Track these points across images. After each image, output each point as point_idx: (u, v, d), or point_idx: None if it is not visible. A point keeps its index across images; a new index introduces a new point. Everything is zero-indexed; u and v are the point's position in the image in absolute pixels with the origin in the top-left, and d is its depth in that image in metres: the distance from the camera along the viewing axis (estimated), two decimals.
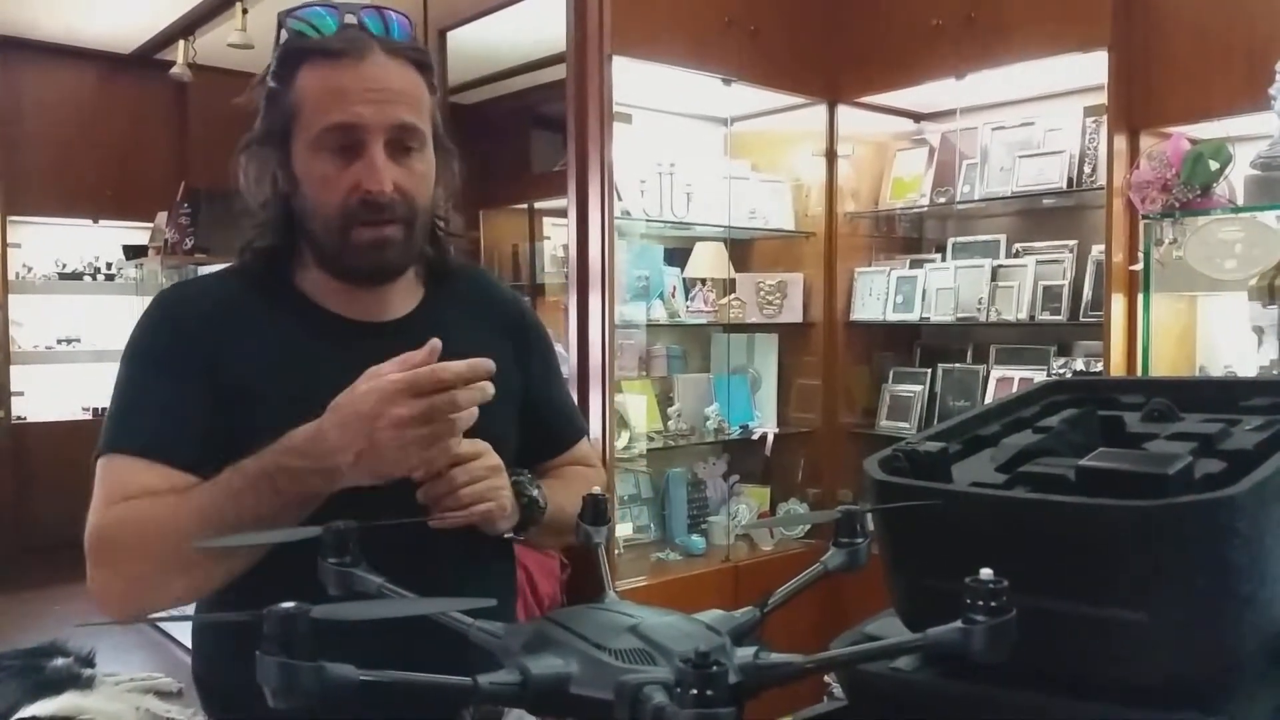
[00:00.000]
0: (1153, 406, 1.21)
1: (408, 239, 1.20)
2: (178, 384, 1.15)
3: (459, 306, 1.34)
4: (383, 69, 1.15)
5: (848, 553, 0.94)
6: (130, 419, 1.16)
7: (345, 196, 1.15)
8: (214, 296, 1.23)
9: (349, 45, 1.15)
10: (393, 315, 1.27)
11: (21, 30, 6.40)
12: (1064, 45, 3.12)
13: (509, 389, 1.31)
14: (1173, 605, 0.85)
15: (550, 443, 1.42)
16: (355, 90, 1.14)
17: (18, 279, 6.82)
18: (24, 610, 5.54)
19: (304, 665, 0.59)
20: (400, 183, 1.16)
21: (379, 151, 1.14)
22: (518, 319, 1.40)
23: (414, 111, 1.17)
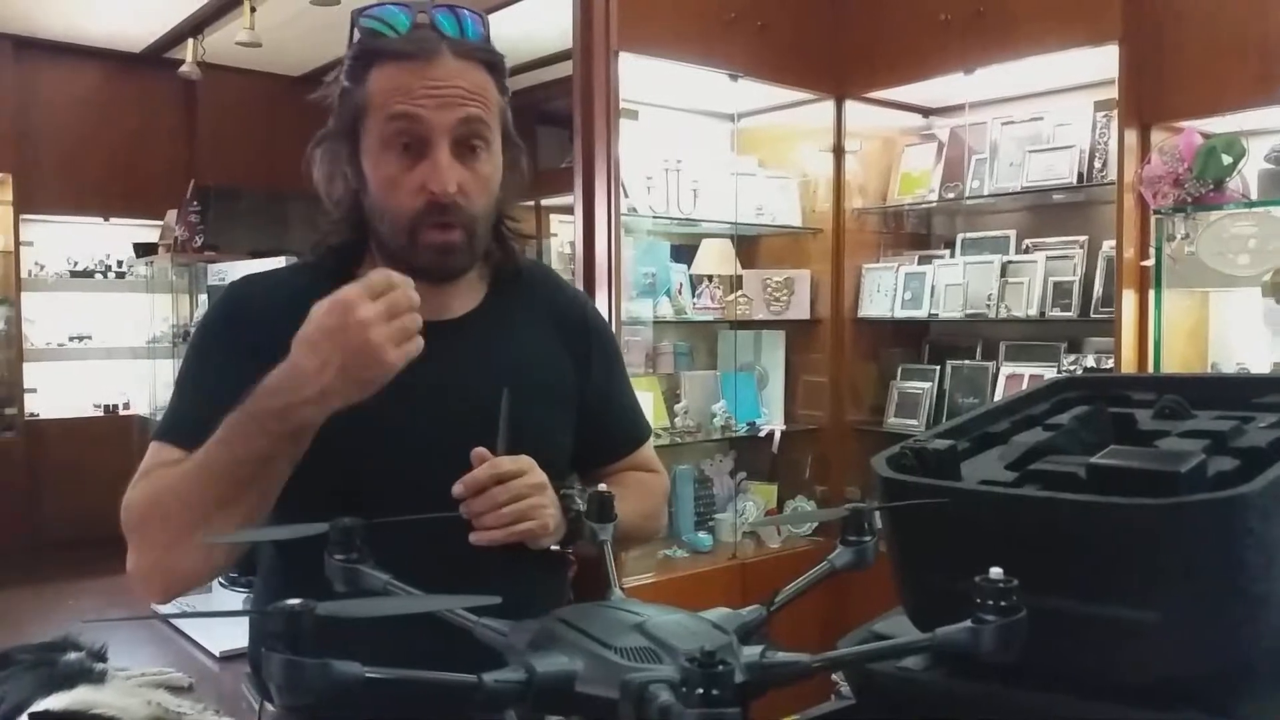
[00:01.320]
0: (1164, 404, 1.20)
1: (471, 242, 1.20)
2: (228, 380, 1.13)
3: (521, 306, 1.33)
4: (450, 69, 1.15)
5: (855, 551, 0.93)
6: (179, 410, 1.19)
7: (412, 199, 1.15)
8: (278, 291, 1.24)
9: (417, 47, 1.15)
10: (454, 314, 1.27)
11: (33, 29, 6.42)
12: (1074, 39, 3.10)
13: (566, 392, 1.31)
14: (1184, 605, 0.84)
15: (610, 446, 1.40)
16: (422, 90, 1.14)
17: (30, 277, 6.86)
18: (37, 605, 5.57)
19: (309, 662, 0.58)
20: (464, 183, 1.16)
21: (444, 152, 1.14)
22: (580, 320, 1.39)
23: (481, 109, 1.17)
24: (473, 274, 1.28)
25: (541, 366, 1.30)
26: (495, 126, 1.20)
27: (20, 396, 6.69)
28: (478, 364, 1.24)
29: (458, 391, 1.20)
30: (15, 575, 5.87)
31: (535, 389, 1.24)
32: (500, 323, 1.28)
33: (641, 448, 1.44)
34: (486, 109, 1.18)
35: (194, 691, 4.25)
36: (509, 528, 1.09)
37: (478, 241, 1.21)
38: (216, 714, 3.94)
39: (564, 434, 1.30)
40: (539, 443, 1.16)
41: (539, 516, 1.12)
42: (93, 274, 7.20)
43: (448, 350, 1.18)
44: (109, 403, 7.07)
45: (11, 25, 6.33)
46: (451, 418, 1.16)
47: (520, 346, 1.28)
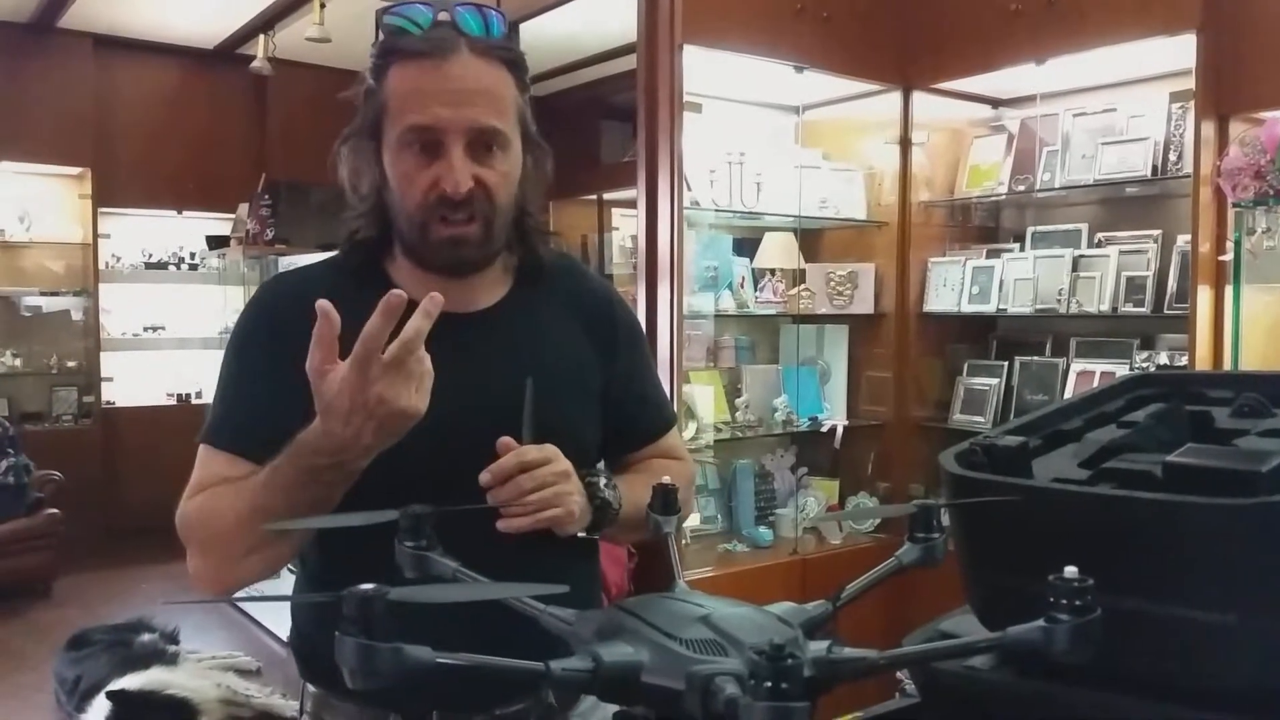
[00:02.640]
0: (1243, 401, 1.17)
1: (486, 236, 1.21)
2: (263, 379, 1.20)
3: (546, 299, 1.34)
4: (466, 69, 1.16)
5: (923, 548, 0.92)
6: (219, 413, 1.23)
7: (425, 194, 1.17)
8: (308, 287, 1.24)
9: (434, 46, 1.16)
10: (478, 306, 1.28)
11: (111, 28, 6.60)
12: (1149, 28, 3.02)
13: (590, 382, 1.33)
14: (1263, 608, 0.82)
15: (636, 435, 1.41)
16: (436, 91, 1.15)
17: (107, 268, 7.05)
18: (113, 588, 5.73)
19: (382, 646, 0.59)
20: (481, 179, 1.17)
21: (457, 152, 1.15)
22: (605, 311, 1.40)
23: (495, 112, 1.17)
24: (497, 268, 1.29)
25: (566, 357, 1.31)
26: (512, 125, 1.21)
27: (98, 385, 6.89)
28: (502, 355, 1.25)
29: (483, 382, 1.21)
30: (91, 559, 6.06)
31: (560, 380, 1.25)
32: (525, 315, 1.30)
33: (666, 435, 1.45)
34: (502, 109, 1.19)
35: (261, 675, 4.34)
36: (535, 515, 1.11)
37: (495, 235, 1.22)
38: (283, 698, 4.02)
39: (588, 424, 1.31)
40: (564, 433, 1.17)
41: (564, 504, 1.13)
42: (167, 266, 7.38)
43: (473, 342, 1.21)
44: (182, 392, 7.25)
45: (91, 24, 6.51)
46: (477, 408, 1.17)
47: (545, 338, 1.30)
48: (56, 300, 6.89)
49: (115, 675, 3.66)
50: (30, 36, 6.51)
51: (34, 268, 6.87)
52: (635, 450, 1.41)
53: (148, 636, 4.15)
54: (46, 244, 6.82)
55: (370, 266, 1.27)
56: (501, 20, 1.22)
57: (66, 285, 6.91)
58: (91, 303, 6.88)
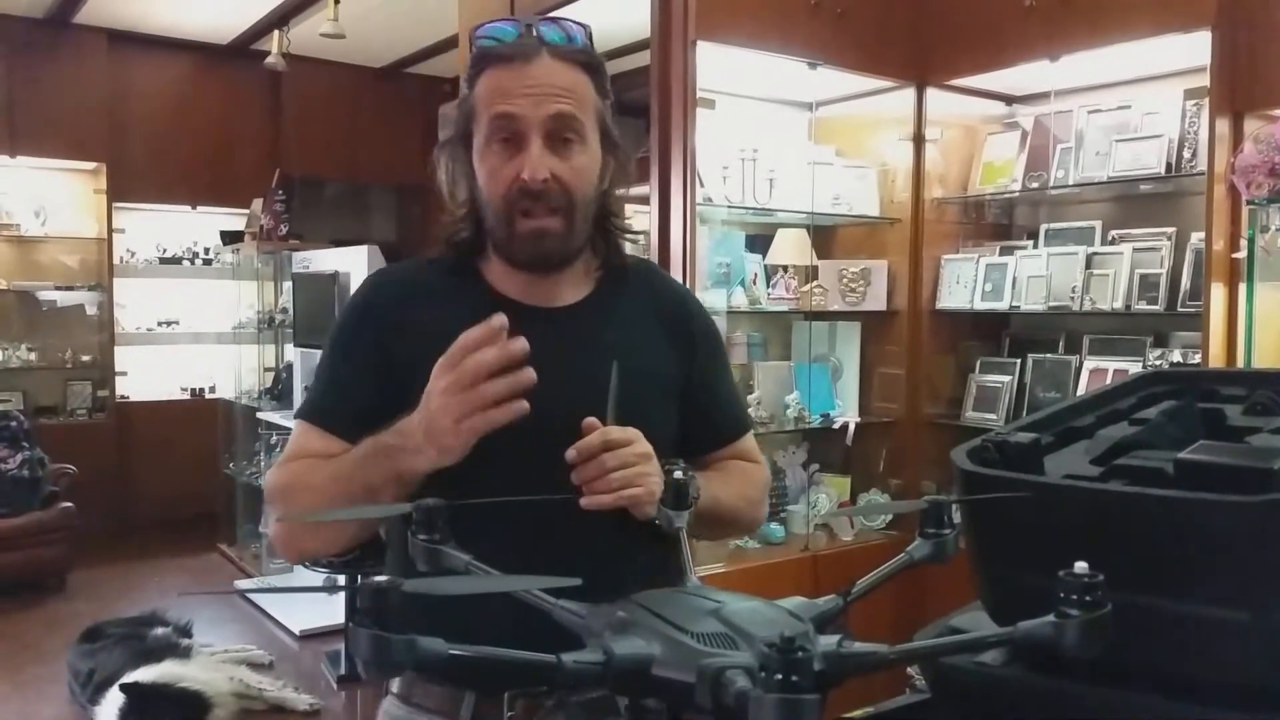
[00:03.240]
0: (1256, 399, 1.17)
1: (567, 229, 1.26)
2: (356, 364, 1.30)
3: (628, 298, 1.39)
4: (546, 68, 1.23)
5: (934, 544, 0.93)
6: (318, 392, 1.33)
7: (508, 186, 1.23)
8: (407, 282, 1.38)
9: (518, 50, 1.24)
10: (563, 302, 1.34)
11: (126, 23, 6.63)
12: (1164, 25, 3.01)
13: (668, 381, 1.37)
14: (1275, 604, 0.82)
15: (711, 436, 1.44)
16: (517, 87, 1.22)
17: (122, 263, 7.10)
18: (127, 581, 5.77)
19: (396, 638, 0.60)
20: (558, 172, 1.23)
21: (536, 142, 1.22)
22: (684, 313, 1.44)
23: (573, 105, 1.24)
24: (581, 267, 1.35)
25: (646, 354, 1.35)
26: (590, 123, 1.27)
27: (112, 379, 6.94)
28: (586, 349, 1.30)
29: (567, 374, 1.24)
30: (105, 552, 6.10)
31: (640, 374, 1.28)
32: (607, 312, 1.36)
33: (743, 438, 1.48)
34: (580, 105, 1.25)
35: (274, 669, 4.37)
36: (617, 492, 1.14)
37: (575, 230, 1.28)
38: (296, 691, 4.05)
39: (666, 420, 1.35)
40: (639, 422, 1.20)
41: (645, 484, 1.16)
42: (181, 261, 7.42)
43: (557, 335, 1.26)
44: (195, 386, 7.29)
45: (106, 20, 6.55)
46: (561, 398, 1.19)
47: (626, 334, 1.35)
48: (71, 295, 6.94)
49: (129, 668, 3.69)
50: (46, 32, 6.55)
51: (49, 262, 6.92)
52: (711, 452, 1.43)
53: (161, 630, 4.17)
54: (61, 239, 6.87)
55: (465, 265, 1.35)
56: (582, 32, 1.29)
57: (81, 280, 6.95)
58: (106, 297, 6.92)
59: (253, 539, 6.02)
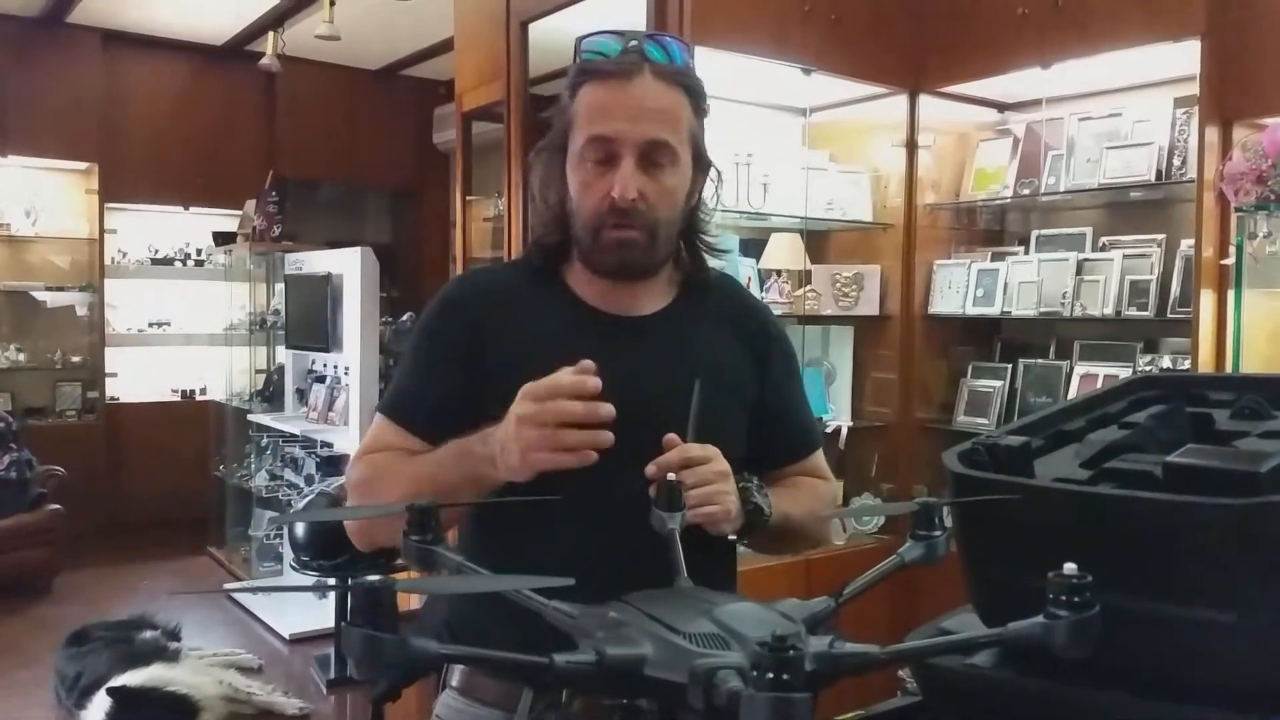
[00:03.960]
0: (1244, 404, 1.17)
1: (650, 244, 1.29)
2: (438, 362, 1.34)
3: (706, 311, 1.40)
4: (647, 89, 1.26)
5: (925, 545, 0.93)
6: (399, 387, 1.38)
7: (599, 201, 1.26)
8: (494, 285, 1.41)
9: (620, 68, 1.26)
10: (643, 312, 1.36)
11: (120, 23, 6.62)
12: (1155, 34, 3.02)
13: (743, 394, 1.39)
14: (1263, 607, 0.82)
15: (783, 451, 1.45)
16: (616, 107, 1.26)
17: (113, 264, 7.07)
18: (115, 584, 5.74)
19: (388, 638, 0.60)
20: (646, 192, 1.26)
21: (629, 163, 1.25)
22: (761, 329, 1.46)
23: (668, 129, 1.27)
24: (662, 278, 1.38)
25: (723, 365, 1.36)
26: (683, 144, 1.29)
27: (102, 380, 6.90)
28: (663, 358, 1.33)
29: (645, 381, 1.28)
30: (94, 554, 6.07)
31: (716, 385, 1.29)
32: (686, 322, 1.38)
33: (814, 454, 1.50)
34: (675, 128, 1.28)
35: (263, 673, 4.35)
36: (695, 509, 1.14)
37: (659, 245, 1.31)
38: (285, 695, 4.03)
39: (739, 432, 1.36)
40: (716, 436, 1.21)
41: (722, 502, 1.17)
42: (173, 262, 7.40)
43: (637, 343, 1.32)
44: (186, 388, 7.27)
45: (100, 19, 6.53)
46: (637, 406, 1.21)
47: (704, 345, 1.37)
48: (62, 295, 6.91)
49: (116, 672, 3.66)
50: (39, 31, 6.53)
51: (40, 262, 6.89)
52: (781, 467, 1.44)
53: (149, 633, 4.15)
54: (53, 239, 6.84)
55: (550, 269, 1.38)
56: (683, 50, 1.31)
57: (72, 280, 6.93)
58: (97, 298, 6.89)
59: (242, 542, 5.99)
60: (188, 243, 7.42)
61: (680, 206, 1.32)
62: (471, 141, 4.32)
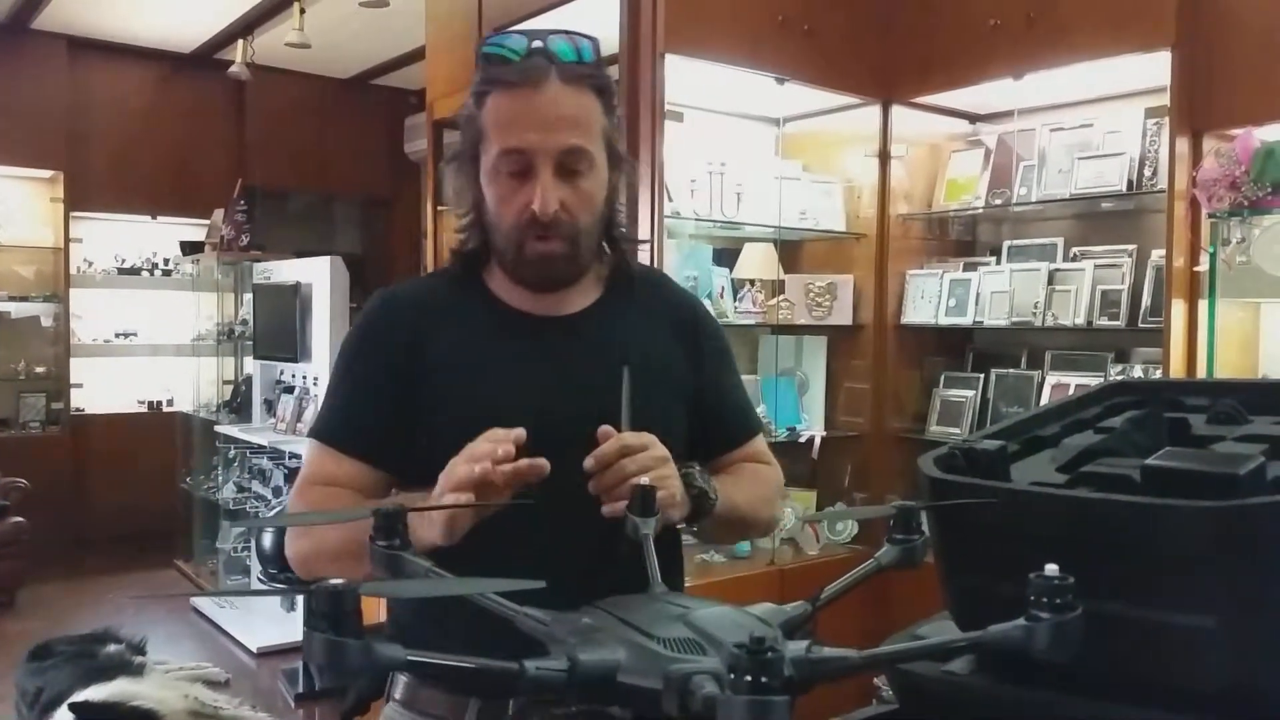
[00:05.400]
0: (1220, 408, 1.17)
1: (574, 253, 1.28)
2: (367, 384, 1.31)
3: (635, 305, 1.40)
4: (556, 96, 1.23)
5: (902, 549, 0.92)
6: (328, 411, 1.34)
7: (518, 214, 1.24)
8: (415, 297, 1.38)
9: (525, 76, 1.23)
10: (569, 310, 1.35)
11: (86, 30, 6.54)
12: (1126, 45, 3.05)
13: (678, 386, 1.38)
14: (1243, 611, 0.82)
15: (723, 439, 1.44)
16: (526, 118, 1.22)
17: (79, 273, 6.97)
18: (79, 597, 5.65)
19: (352, 643, 0.58)
20: (567, 202, 1.24)
21: (547, 175, 1.22)
22: (691, 320, 1.45)
23: (582, 135, 1.24)
24: (589, 275, 1.36)
25: (655, 358, 1.35)
26: (599, 148, 1.27)
27: (67, 391, 6.80)
28: (594, 354, 1.31)
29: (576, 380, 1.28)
30: (58, 567, 5.97)
31: (650, 376, 1.29)
32: (615, 317, 1.37)
33: (755, 440, 1.49)
34: (589, 133, 1.25)
35: (230, 687, 4.28)
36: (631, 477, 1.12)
37: (582, 253, 1.30)
38: (253, 709, 3.97)
39: (677, 421, 1.35)
40: (654, 428, 1.20)
41: (666, 486, 1.15)
42: (140, 271, 7.31)
43: (565, 343, 1.31)
44: (153, 399, 7.17)
45: (66, 25, 6.46)
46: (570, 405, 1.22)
47: (634, 339, 1.36)
48: (26, 306, 6.81)
49: (79, 686, 3.58)
50: (3, 37, 6.45)
51: (4, 272, 6.79)
52: (723, 455, 1.44)
53: (114, 647, 4.06)
54: (16, 248, 6.74)
55: (472, 276, 1.36)
56: (592, 46, 1.28)
57: (37, 290, 6.83)
58: (62, 308, 6.80)
59: (210, 555, 5.91)
60: (155, 252, 7.34)
61: (601, 210, 1.30)
62: (443, 150, 4.28)
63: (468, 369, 1.28)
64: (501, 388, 1.25)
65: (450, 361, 1.28)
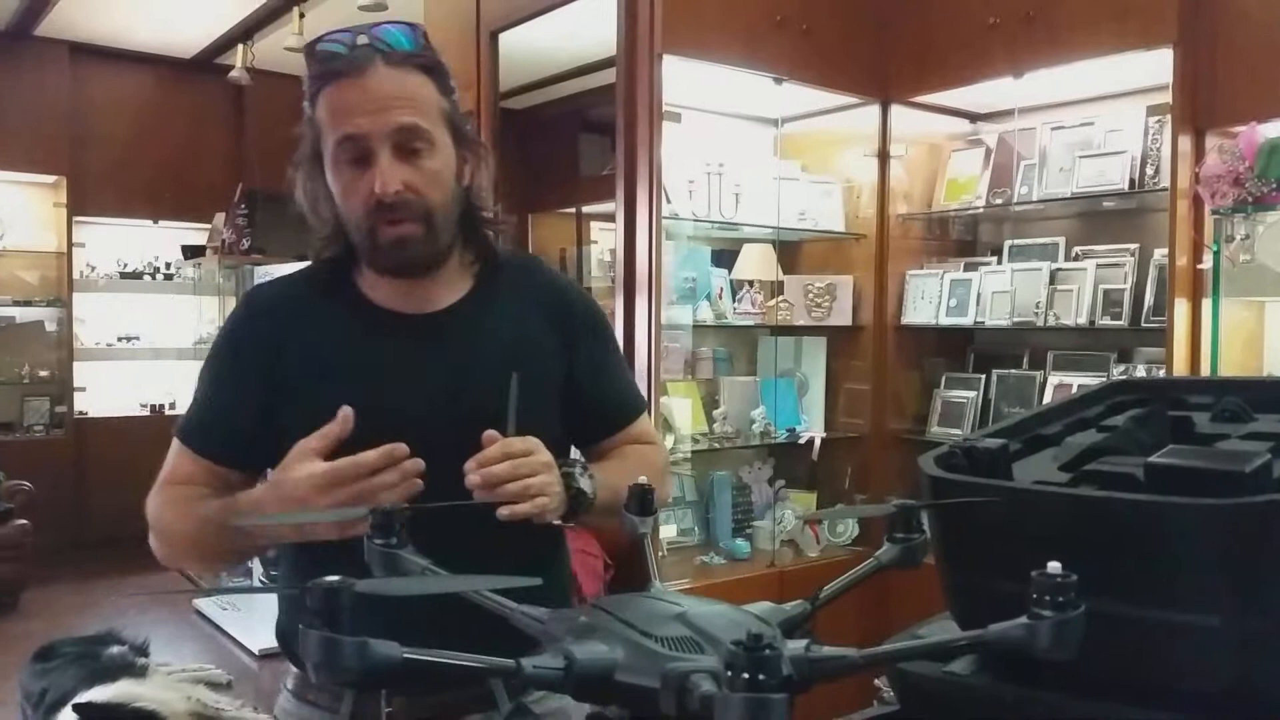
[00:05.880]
0: (1224, 406, 1.16)
1: (428, 233, 1.27)
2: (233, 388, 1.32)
3: (507, 295, 1.38)
4: (383, 79, 1.23)
5: (902, 548, 0.91)
6: (192, 413, 1.34)
7: (364, 201, 1.24)
8: (283, 298, 1.37)
9: (351, 65, 1.23)
10: (438, 306, 1.34)
11: (88, 36, 6.55)
12: (1127, 43, 3.04)
13: (551, 373, 1.37)
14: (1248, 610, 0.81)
15: (604, 423, 1.44)
16: (357, 103, 1.22)
17: (81, 278, 6.98)
18: (82, 599, 5.65)
19: (347, 640, 0.57)
20: (410, 182, 1.23)
21: (385, 156, 1.22)
22: (565, 304, 1.43)
23: (415, 113, 1.24)
24: (455, 267, 1.35)
25: (528, 349, 1.35)
26: (438, 125, 1.27)
27: (70, 395, 6.80)
28: (463, 350, 1.31)
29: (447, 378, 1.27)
30: (61, 570, 5.97)
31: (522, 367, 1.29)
32: (485, 311, 1.36)
33: (636, 421, 1.48)
34: (422, 110, 1.25)
35: (232, 689, 4.27)
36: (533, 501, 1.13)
37: (438, 232, 1.28)
38: (255, 711, 3.96)
39: (552, 410, 1.35)
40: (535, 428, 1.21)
41: (548, 493, 1.16)
42: (141, 275, 7.31)
43: (434, 340, 1.30)
44: (155, 402, 7.17)
45: (67, 32, 6.46)
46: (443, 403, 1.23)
47: (506, 332, 1.35)
48: (30, 310, 6.81)
49: (82, 688, 3.58)
50: (6, 43, 6.45)
51: (7, 277, 6.79)
52: (607, 437, 1.44)
53: (117, 649, 4.06)
54: (20, 253, 6.74)
55: (339, 279, 1.35)
56: (417, 33, 1.28)
57: (40, 295, 6.83)
58: (65, 312, 6.80)
59: None
60: (156, 256, 7.33)
61: (452, 189, 1.29)
62: None
63: (329, 371, 1.28)
64: (364, 389, 1.23)
65: (312, 363, 1.28)
